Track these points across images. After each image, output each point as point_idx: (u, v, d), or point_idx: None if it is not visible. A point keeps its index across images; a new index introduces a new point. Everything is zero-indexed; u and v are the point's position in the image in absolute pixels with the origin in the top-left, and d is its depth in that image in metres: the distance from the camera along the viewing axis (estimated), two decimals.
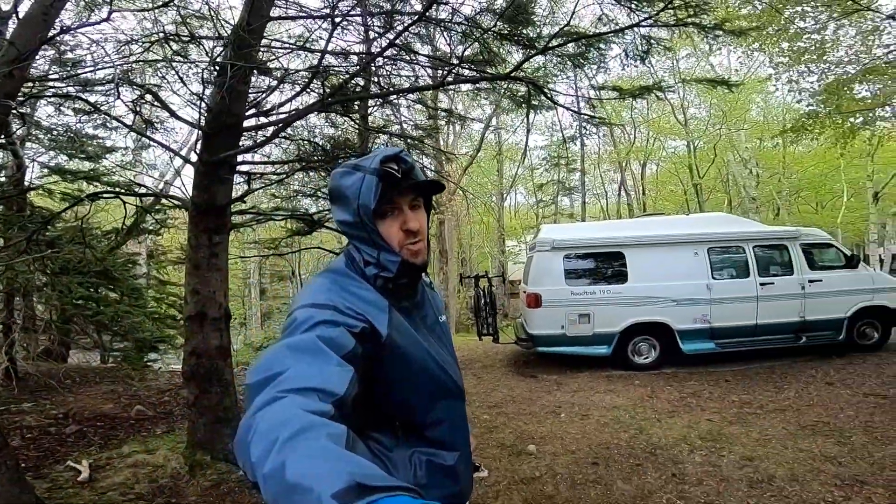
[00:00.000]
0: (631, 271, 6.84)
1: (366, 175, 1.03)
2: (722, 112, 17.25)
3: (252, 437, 0.63)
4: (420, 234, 1.10)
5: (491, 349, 8.29)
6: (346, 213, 1.06)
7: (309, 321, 0.90)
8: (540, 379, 6.44)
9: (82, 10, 3.49)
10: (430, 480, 1.10)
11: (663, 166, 23.13)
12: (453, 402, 1.18)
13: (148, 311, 8.87)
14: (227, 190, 4.15)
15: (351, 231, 1.08)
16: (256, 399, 0.71)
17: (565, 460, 3.67)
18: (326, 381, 0.76)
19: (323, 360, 0.81)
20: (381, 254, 1.07)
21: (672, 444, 3.92)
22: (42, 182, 8.17)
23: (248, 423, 0.67)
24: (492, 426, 4.53)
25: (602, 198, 25.14)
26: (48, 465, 3.68)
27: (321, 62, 3.20)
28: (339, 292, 1.00)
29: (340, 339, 0.88)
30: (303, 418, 0.64)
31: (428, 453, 1.11)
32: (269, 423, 0.64)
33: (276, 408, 0.68)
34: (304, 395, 0.71)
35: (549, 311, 6.73)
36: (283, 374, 0.75)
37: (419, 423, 1.11)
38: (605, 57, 3.67)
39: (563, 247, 6.94)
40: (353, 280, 1.06)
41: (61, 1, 2.69)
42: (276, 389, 0.72)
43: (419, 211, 1.12)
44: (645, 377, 6.25)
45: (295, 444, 0.59)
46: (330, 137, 5.67)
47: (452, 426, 1.17)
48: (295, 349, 0.82)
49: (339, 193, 1.07)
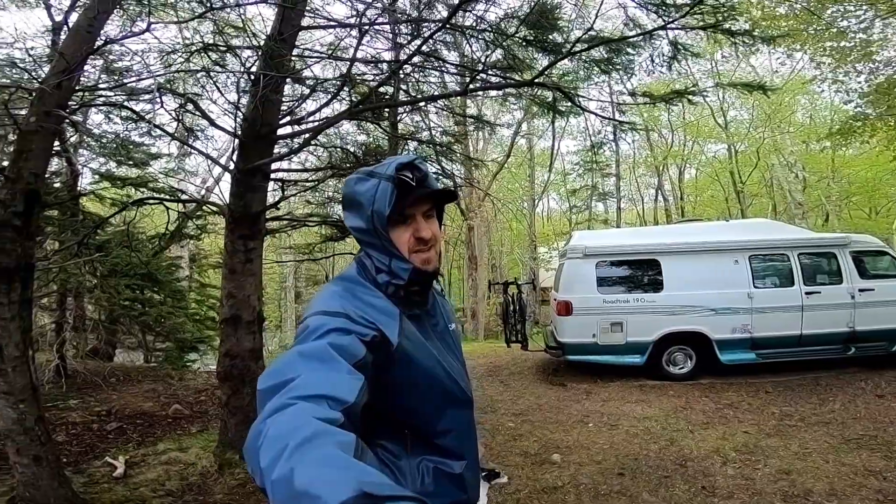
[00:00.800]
0: (667, 279, 6.65)
1: (381, 182, 1.04)
2: (765, 114, 16.58)
3: (262, 443, 0.64)
4: (431, 242, 1.10)
5: (519, 356, 8.20)
6: (360, 220, 1.07)
7: (321, 329, 0.90)
8: (569, 388, 6.33)
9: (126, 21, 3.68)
10: (437, 488, 1.10)
11: (703, 171, 22.40)
12: (461, 410, 1.18)
13: (189, 313, 9.20)
14: (261, 197, 4.27)
15: (364, 237, 1.09)
16: (267, 405, 0.72)
17: (590, 470, 3.60)
18: (337, 388, 0.76)
19: (334, 367, 0.81)
20: (392, 261, 1.07)
21: (704, 455, 3.80)
22: (93, 188, 8.62)
23: (258, 428, 0.67)
24: (516, 434, 4.48)
25: (638, 203, 24.57)
26: (87, 461, 3.86)
27: (350, 70, 3.27)
28: (351, 300, 1.01)
29: (351, 347, 0.88)
30: (312, 425, 0.64)
31: (435, 461, 1.11)
32: (279, 430, 0.64)
33: (286, 414, 0.68)
34: (315, 402, 0.72)
35: (579, 319, 6.61)
36: (294, 380, 0.76)
37: (427, 432, 1.11)
38: (632, 62, 3.59)
39: (596, 254, 6.81)
40: (364, 288, 1.07)
41: (104, 13, 2.85)
42: (286, 396, 0.72)
43: (432, 219, 1.13)
44: (680, 387, 6.06)
45: (304, 451, 0.59)
46: (361, 144, 5.77)
47: (460, 434, 1.17)
48: (306, 356, 0.83)
49: (353, 200, 1.08)
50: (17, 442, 2.90)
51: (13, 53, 5.78)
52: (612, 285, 6.77)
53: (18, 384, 3.05)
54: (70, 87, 2.97)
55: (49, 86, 2.72)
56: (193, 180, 12.75)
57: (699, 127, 18.91)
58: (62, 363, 7.11)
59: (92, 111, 7.47)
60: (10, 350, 3.12)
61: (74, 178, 8.02)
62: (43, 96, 2.87)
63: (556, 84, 3.50)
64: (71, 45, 2.85)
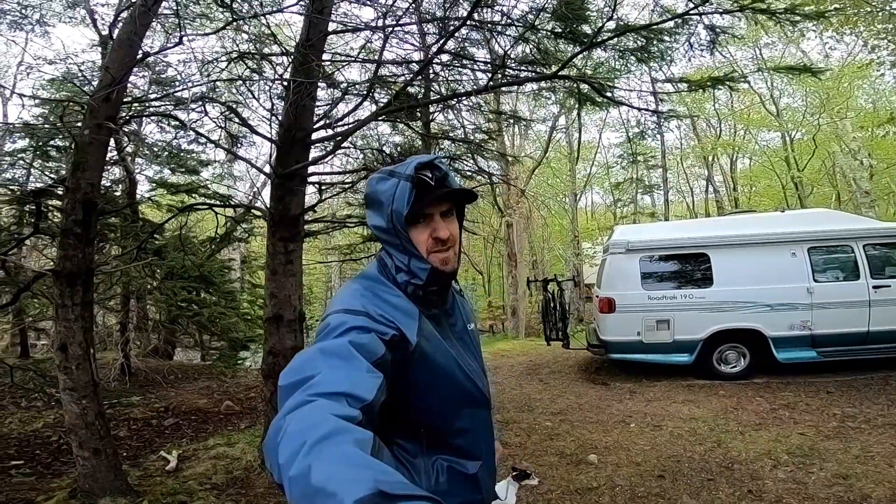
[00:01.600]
0: (716, 274, 6.35)
1: (400, 181, 1.04)
2: (820, 101, 15.49)
3: (281, 439, 0.64)
4: (449, 242, 1.10)
5: (561, 355, 8.06)
6: (380, 219, 1.08)
7: (342, 326, 0.91)
8: (612, 387, 6.15)
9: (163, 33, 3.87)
10: (451, 488, 1.09)
11: (757, 160, 21.19)
12: (478, 410, 1.18)
13: (241, 313, 9.59)
14: (299, 201, 4.40)
15: (384, 236, 1.10)
16: (287, 401, 0.73)
17: (628, 472, 3.49)
18: (356, 386, 0.77)
19: (353, 365, 0.82)
20: (411, 260, 1.07)
21: (753, 458, 3.61)
22: (150, 194, 9.14)
23: (277, 424, 0.68)
24: (553, 434, 4.40)
25: (688, 195, 23.57)
26: (145, 455, 4.11)
27: (377, 72, 3.31)
28: (372, 298, 1.01)
29: (371, 345, 0.89)
30: (331, 423, 0.65)
31: (451, 461, 1.11)
32: (298, 427, 0.65)
33: (305, 411, 0.69)
34: (334, 400, 0.72)
35: (623, 317, 6.42)
36: (314, 377, 0.77)
37: (444, 431, 1.11)
38: (670, 50, 3.43)
39: (640, 248, 6.59)
40: (385, 286, 1.08)
41: (143, 27, 3.00)
42: (306, 393, 0.73)
43: (451, 219, 1.12)
44: (731, 387, 5.77)
45: (322, 448, 0.60)
46: (397, 145, 5.83)
47: (476, 435, 1.17)
48: (327, 353, 0.84)
49: (374, 199, 1.09)
50: (80, 436, 3.11)
51: (69, 68, 6.23)
52: (657, 281, 6.54)
53: (81, 381, 3.27)
54: (118, 100, 3.16)
55: (97, 99, 2.90)
56: (241, 186, 13.27)
57: (749, 115, 17.90)
58: (126, 361, 7.60)
59: (145, 121, 7.90)
60: (75, 349, 3.35)
61: (132, 186, 8.55)
62: (93, 110, 3.07)
63: (582, 76, 3.40)
64: (115, 59, 3.03)
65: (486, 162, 6.93)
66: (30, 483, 3.53)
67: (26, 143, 7.66)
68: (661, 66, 3.68)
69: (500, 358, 8.81)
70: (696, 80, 3.64)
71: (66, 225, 3.46)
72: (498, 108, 7.87)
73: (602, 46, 3.15)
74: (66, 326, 3.37)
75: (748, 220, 7.15)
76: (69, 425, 3.18)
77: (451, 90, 4.47)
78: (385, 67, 4.37)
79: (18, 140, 8.01)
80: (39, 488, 3.38)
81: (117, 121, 5.87)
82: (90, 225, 3.53)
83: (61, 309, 3.40)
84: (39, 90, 7.54)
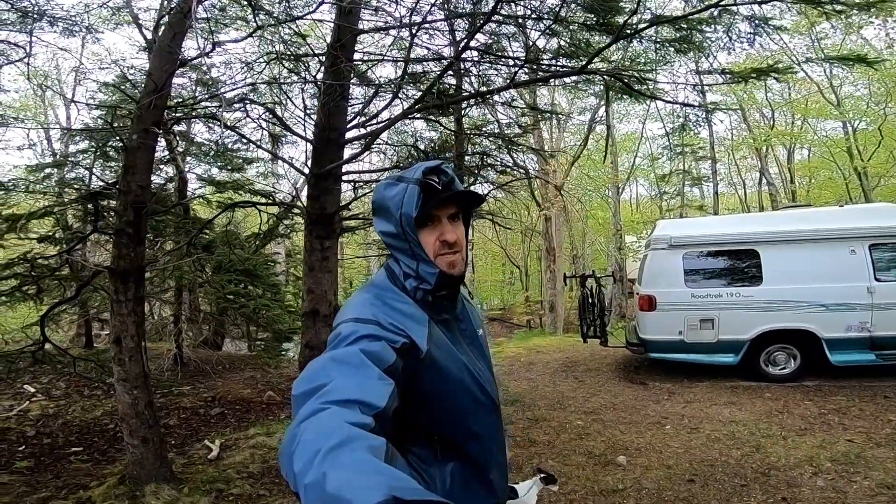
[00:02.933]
0: (766, 272, 6.04)
1: (408, 185, 1.06)
2: (886, 89, 14.32)
3: (296, 448, 0.66)
4: (456, 245, 1.11)
5: (599, 352, 7.89)
6: (389, 224, 1.09)
7: (353, 335, 0.93)
8: (650, 387, 5.98)
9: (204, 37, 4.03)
10: (465, 493, 1.11)
11: (816, 151, 19.85)
12: (489, 416, 1.18)
13: (285, 305, 9.93)
14: (334, 199, 4.51)
15: (392, 242, 1.11)
16: (301, 409, 0.74)
17: (657, 475, 3.39)
18: (368, 393, 0.78)
19: (365, 373, 0.83)
20: (420, 265, 1.09)
21: (793, 465, 3.43)
22: (200, 192, 9.58)
23: (292, 433, 0.70)
24: (583, 433, 4.33)
25: (740, 187, 22.43)
26: (190, 444, 4.34)
27: (405, 71, 3.33)
28: (382, 307, 1.03)
29: (382, 353, 0.90)
30: (344, 430, 0.66)
31: (464, 466, 1.12)
32: (312, 435, 0.67)
33: (319, 419, 0.70)
34: (347, 407, 0.74)
35: (664, 315, 6.21)
36: (326, 385, 0.78)
37: (456, 437, 1.12)
38: (709, 41, 3.25)
39: (683, 244, 6.35)
40: (394, 294, 1.09)
41: (180, 35, 3.14)
42: (319, 401, 0.75)
43: (457, 223, 1.14)
44: (778, 390, 5.49)
45: (336, 455, 0.61)
46: (431, 141, 5.86)
47: (488, 439, 1.17)
48: (339, 362, 0.86)
49: (382, 205, 1.11)
50: (130, 424, 3.33)
51: (124, 72, 6.59)
52: (701, 278, 6.28)
53: (133, 372, 3.49)
54: (162, 105, 3.33)
55: (143, 106, 3.06)
56: (285, 183, 13.67)
57: (808, 105, 16.76)
58: (179, 352, 8.03)
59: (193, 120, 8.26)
60: (128, 342, 3.58)
61: (183, 184, 8.98)
62: (140, 116, 3.25)
63: (611, 70, 3.28)
64: (157, 65, 3.19)
65: (523, 156, 6.86)
66: (85, 469, 3.80)
67: (87, 145, 8.20)
68: (698, 57, 3.50)
69: (536, 354, 8.73)
70: (738, 72, 3.45)
71: (118, 225, 3.69)
72: (534, 102, 7.76)
73: (635, 38, 3.03)
74: (120, 321, 3.60)
75: (802, 214, 6.74)
76: (121, 414, 3.40)
77: (483, 85, 4.44)
78: (421, 64, 4.40)
79: (81, 142, 8.59)
80: (93, 474, 3.64)
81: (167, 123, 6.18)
82: (140, 225, 3.75)
83: (116, 304, 3.63)
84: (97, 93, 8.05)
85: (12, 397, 5.64)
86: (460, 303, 1.22)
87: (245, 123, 6.95)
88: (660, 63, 3.56)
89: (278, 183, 13.28)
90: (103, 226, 5.13)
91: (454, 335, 1.15)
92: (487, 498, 1.16)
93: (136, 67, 6.69)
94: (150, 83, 3.10)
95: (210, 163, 9.22)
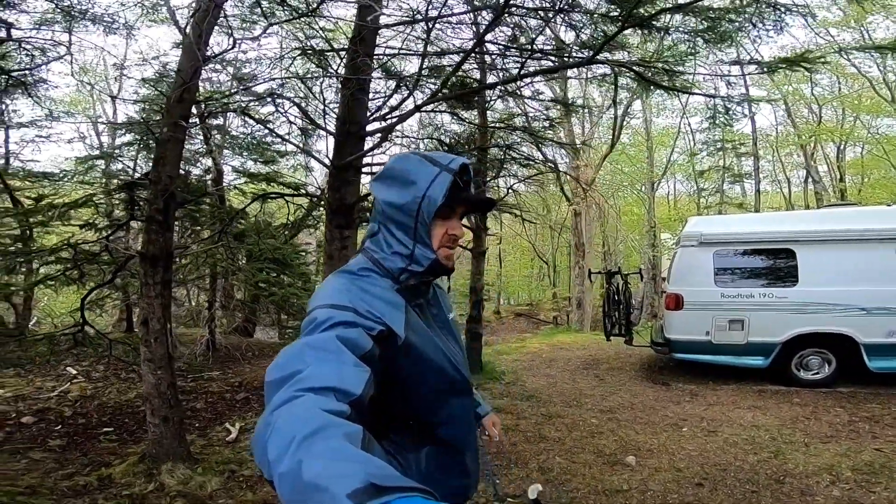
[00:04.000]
0: (803, 272, 5.79)
1: (442, 171, 1.07)
2: None
3: (269, 436, 0.64)
4: (459, 242, 1.16)
5: (623, 351, 7.74)
6: (402, 196, 1.07)
7: (328, 321, 0.92)
8: (672, 388, 5.83)
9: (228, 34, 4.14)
10: (440, 476, 1.14)
11: (869, 149, 18.70)
12: (463, 399, 1.21)
13: None
14: (354, 190, 4.58)
15: (395, 214, 1.08)
16: (274, 397, 0.72)
17: (665, 477, 3.31)
18: (344, 380, 0.77)
19: (341, 360, 0.82)
20: (417, 246, 1.08)
21: (811, 472, 3.30)
22: (235, 183, 9.91)
23: (266, 420, 0.68)
24: (596, 431, 4.27)
25: (784, 185, 21.41)
26: (213, 426, 4.51)
27: (422, 65, 3.35)
28: (358, 293, 1.01)
29: (358, 340, 0.89)
30: (320, 418, 0.65)
31: (439, 450, 1.15)
32: (287, 422, 0.65)
33: (293, 406, 0.69)
34: (322, 395, 0.72)
35: (691, 315, 6.04)
36: (301, 372, 0.76)
37: (431, 421, 1.14)
38: (737, 30, 3.11)
39: (714, 241, 6.15)
40: (369, 279, 1.07)
41: (208, 30, 3.25)
42: (294, 388, 0.73)
43: (461, 222, 1.18)
44: (809, 395, 5.27)
45: (311, 443, 0.60)
46: (455, 134, 5.86)
47: (462, 422, 1.20)
48: (314, 348, 0.84)
49: (403, 175, 1.08)
50: (153, 404, 3.49)
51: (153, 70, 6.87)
52: (732, 277, 6.08)
53: (158, 353, 3.66)
54: (190, 99, 3.46)
55: (171, 100, 3.20)
56: (318, 176, 13.94)
57: (860, 100, 15.77)
58: (211, 338, 8.35)
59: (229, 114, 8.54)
60: (154, 324, 3.75)
61: (219, 175, 9.31)
62: (169, 109, 3.39)
63: (619, 61, 3.19)
64: (185, 61, 3.31)
65: (552, 149, 6.77)
66: (112, 448, 4.01)
67: (132, 138, 8.63)
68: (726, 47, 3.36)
69: (558, 350, 8.64)
70: (766, 62, 3.30)
71: (149, 213, 3.87)
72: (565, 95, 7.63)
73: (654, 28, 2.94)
74: (148, 303, 3.78)
75: (844, 213, 6.40)
76: (145, 394, 3.57)
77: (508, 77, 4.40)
78: (443, 58, 4.40)
79: (125, 136, 9.04)
80: (118, 453, 3.84)
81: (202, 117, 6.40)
82: (169, 213, 3.92)
83: (144, 287, 3.81)
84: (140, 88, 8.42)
85: (55, 378, 5.99)
86: (432, 289, 1.23)
87: (277, 118, 7.14)
88: (687, 55, 3.42)
89: (309, 175, 13.55)
90: (139, 214, 5.38)
91: (427, 319, 1.16)
92: (462, 479, 1.20)
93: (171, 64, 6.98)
94: (178, 79, 3.24)
95: (245, 156, 9.52)
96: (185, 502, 3.00)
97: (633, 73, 3.17)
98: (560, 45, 3.46)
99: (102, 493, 3.09)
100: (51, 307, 11.28)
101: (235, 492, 3.17)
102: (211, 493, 3.11)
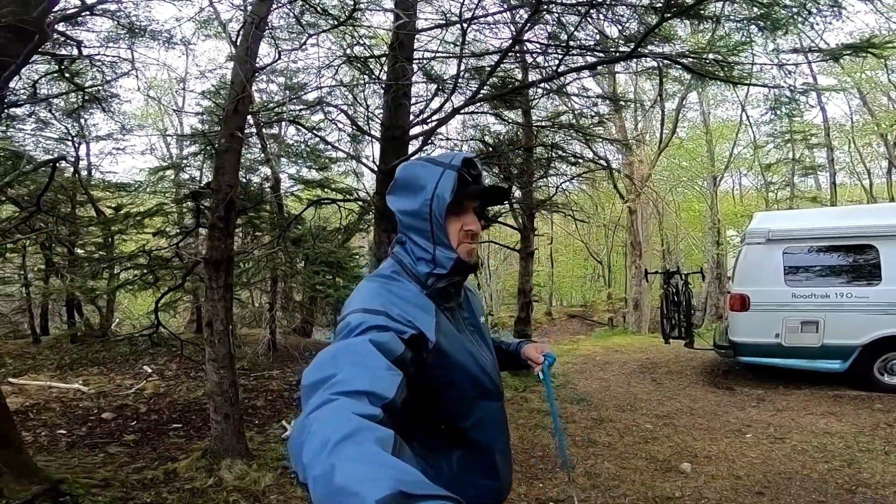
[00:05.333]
0: (886, 270, 5.34)
1: (445, 170, 1.09)
2: None
3: (305, 439, 0.66)
4: (477, 236, 1.15)
5: (683, 355, 7.38)
6: (414, 202, 1.10)
7: (361, 326, 0.93)
8: (737, 393, 5.50)
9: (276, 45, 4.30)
10: (471, 479, 1.14)
11: None
12: (493, 402, 1.20)
13: None
14: None
15: (412, 221, 1.11)
16: (310, 400, 0.74)
17: (721, 485, 3.12)
18: (377, 384, 0.78)
19: (374, 363, 0.83)
20: (437, 249, 1.10)
21: (887, 483, 3.03)
22: (291, 190, 10.35)
23: (301, 424, 0.70)
24: (650, 437, 4.09)
25: (864, 177, 19.63)
26: (271, 424, 4.72)
27: (459, 66, 3.36)
28: (390, 297, 1.03)
29: (391, 344, 0.90)
30: (353, 422, 0.66)
31: (469, 453, 1.15)
32: (321, 426, 0.67)
33: (328, 410, 0.70)
34: (356, 398, 0.74)
35: (759, 316, 5.68)
36: (335, 376, 0.78)
37: (461, 425, 1.14)
38: (799, 16, 2.88)
39: (783, 238, 5.76)
40: (401, 284, 1.09)
41: (255, 43, 3.41)
42: (329, 391, 0.74)
43: (476, 216, 1.17)
44: (893, 401, 4.85)
45: (344, 447, 0.61)
46: (498, 135, 5.84)
47: (493, 426, 1.19)
48: (347, 352, 0.86)
49: (411, 182, 1.11)
50: (216, 402, 3.70)
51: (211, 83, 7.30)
52: (804, 276, 5.68)
53: (221, 353, 3.88)
54: (244, 110, 3.65)
55: (227, 111, 3.39)
56: (366, 181, 14.27)
57: None
58: (272, 338, 8.76)
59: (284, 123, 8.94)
60: (217, 325, 3.98)
61: (277, 183, 9.76)
62: (226, 120, 3.59)
63: (663, 54, 3.04)
64: (237, 73, 3.50)
65: (602, 146, 6.59)
66: (179, 444, 4.27)
67: (198, 149, 9.23)
68: (779, 37, 3.13)
69: (613, 353, 8.37)
70: (829, 50, 3.05)
71: (211, 220, 4.12)
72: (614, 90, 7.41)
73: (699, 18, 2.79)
74: (212, 305, 4.02)
75: None
76: (209, 392, 3.80)
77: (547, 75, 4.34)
78: (482, 59, 4.40)
79: (191, 146, 9.68)
80: (184, 448, 4.08)
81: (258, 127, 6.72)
82: (229, 220, 4.15)
83: (209, 291, 4.05)
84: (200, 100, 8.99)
85: (133, 377, 6.49)
86: (463, 292, 1.23)
87: (327, 125, 7.39)
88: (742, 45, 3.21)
89: (360, 181, 13.91)
90: (204, 222, 5.75)
91: (458, 323, 1.17)
92: (492, 483, 1.18)
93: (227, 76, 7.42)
94: (232, 91, 3.44)
95: (300, 163, 9.93)
96: (240, 497, 3.16)
97: (681, 65, 3.02)
98: (603, 39, 3.36)
99: (167, 487, 3.28)
100: (130, 309, 12.23)
101: (287, 487, 3.30)
102: (264, 488, 3.25)
